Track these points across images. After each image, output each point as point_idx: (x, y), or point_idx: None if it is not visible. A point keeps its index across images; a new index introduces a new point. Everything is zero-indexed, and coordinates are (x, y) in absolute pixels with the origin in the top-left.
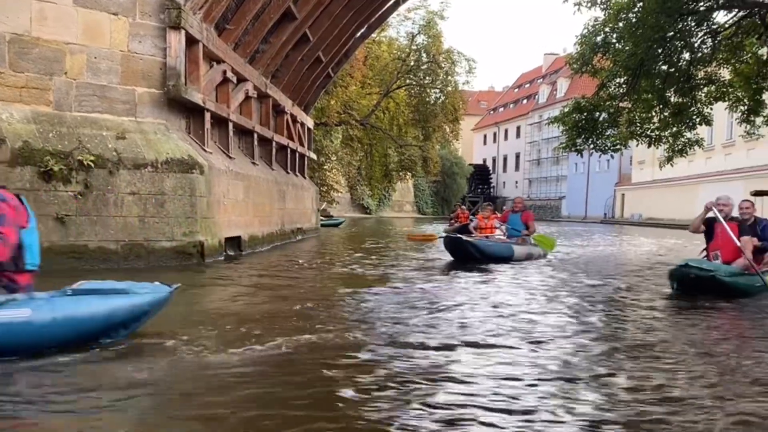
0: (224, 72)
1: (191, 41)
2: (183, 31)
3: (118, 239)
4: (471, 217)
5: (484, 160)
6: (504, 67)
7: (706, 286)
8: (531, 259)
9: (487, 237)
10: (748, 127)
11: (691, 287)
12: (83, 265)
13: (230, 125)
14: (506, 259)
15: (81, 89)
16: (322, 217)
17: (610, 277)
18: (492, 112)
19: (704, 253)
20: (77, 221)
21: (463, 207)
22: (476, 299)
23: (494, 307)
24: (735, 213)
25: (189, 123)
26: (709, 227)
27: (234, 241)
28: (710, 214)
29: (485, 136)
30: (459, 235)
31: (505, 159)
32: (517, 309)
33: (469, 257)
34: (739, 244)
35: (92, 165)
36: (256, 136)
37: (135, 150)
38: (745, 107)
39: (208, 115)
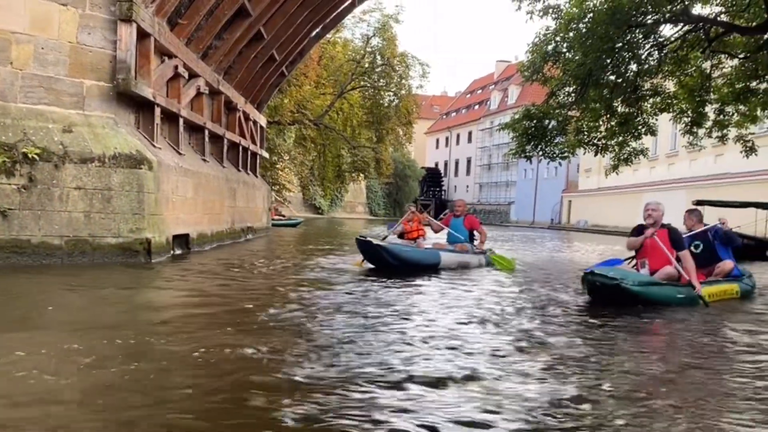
0: (176, 67)
1: (142, 35)
2: (134, 25)
3: (62, 234)
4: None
5: (437, 164)
6: (457, 72)
7: (615, 295)
8: (468, 268)
9: (414, 240)
10: (691, 138)
11: (600, 295)
12: (25, 260)
13: (181, 121)
14: (432, 266)
15: (27, 80)
16: (278, 217)
17: (538, 282)
18: (445, 116)
19: (633, 261)
20: (20, 215)
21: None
22: (381, 308)
23: (404, 317)
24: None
25: (138, 118)
26: (639, 233)
27: (182, 239)
28: (648, 222)
29: (438, 140)
30: (370, 239)
31: (456, 163)
32: (426, 317)
33: (383, 263)
34: (666, 251)
35: (37, 158)
36: (207, 132)
37: (82, 144)
38: (689, 119)
39: (158, 110)
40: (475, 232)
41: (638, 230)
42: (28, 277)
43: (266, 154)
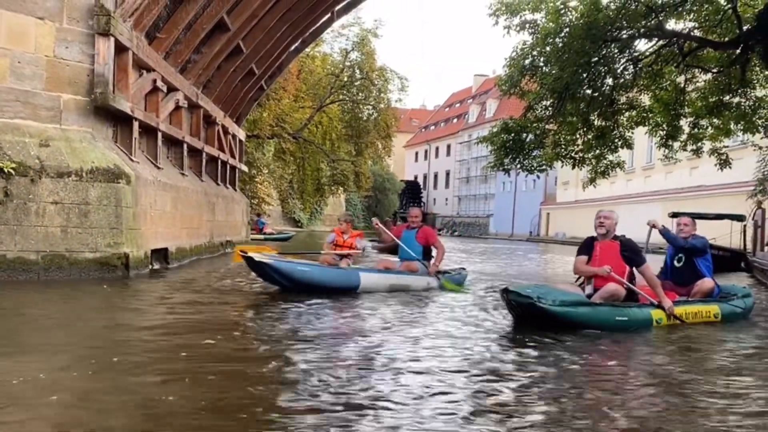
0: (154, 81)
1: (120, 49)
2: (112, 38)
3: (38, 249)
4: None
5: (416, 177)
6: (435, 86)
7: (534, 315)
8: (409, 291)
9: (343, 257)
10: (667, 151)
11: (520, 315)
12: (1, 275)
13: (159, 135)
14: (346, 289)
15: (3, 94)
16: (270, 232)
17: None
18: (423, 129)
19: (580, 278)
20: None
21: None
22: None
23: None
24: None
25: (116, 132)
26: (588, 247)
27: (161, 253)
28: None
29: (417, 153)
30: (252, 255)
31: (435, 176)
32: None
33: (275, 282)
34: (605, 270)
35: (13, 172)
36: (186, 146)
37: (59, 158)
38: (664, 132)
39: (136, 124)
40: (433, 248)
41: (587, 244)
42: (2, 293)
43: (245, 168)
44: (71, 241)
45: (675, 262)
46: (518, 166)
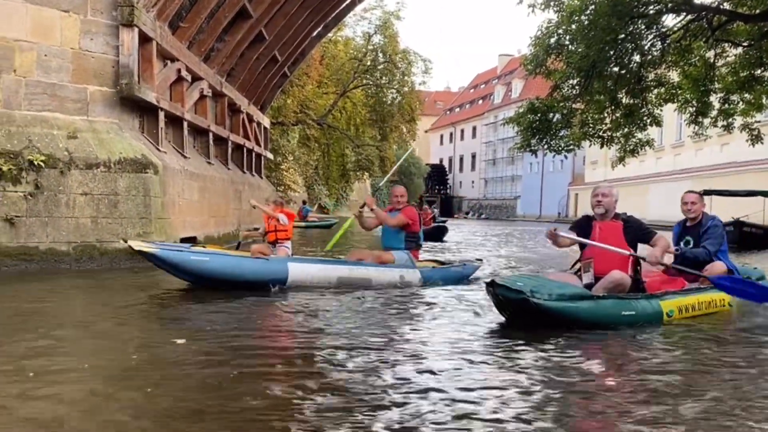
0: (178, 70)
1: (144, 39)
2: (136, 29)
3: (70, 240)
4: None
5: (441, 160)
6: (460, 67)
7: (525, 312)
8: (372, 286)
9: (273, 245)
10: (696, 128)
11: (511, 311)
12: (33, 267)
13: (185, 124)
14: (268, 283)
15: (31, 87)
16: (313, 219)
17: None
18: (448, 112)
19: (577, 264)
20: (27, 222)
21: (425, 207)
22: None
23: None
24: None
25: (142, 122)
26: (584, 228)
27: (189, 242)
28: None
29: (441, 136)
30: (131, 243)
31: (461, 159)
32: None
33: (180, 277)
34: (608, 249)
35: (43, 165)
36: (211, 135)
37: (87, 150)
38: (694, 109)
39: (162, 114)
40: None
41: (583, 224)
42: (37, 284)
43: (270, 155)
44: (101, 231)
45: (682, 245)
46: (545, 146)
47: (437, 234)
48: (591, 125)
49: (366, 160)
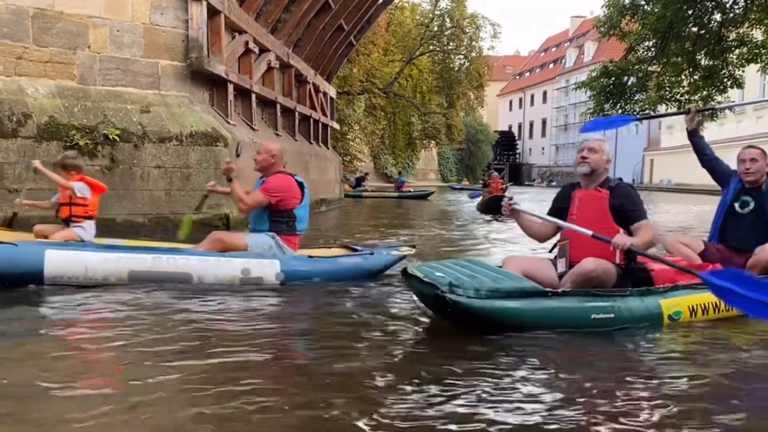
0: (246, 43)
1: (213, 12)
2: (204, 2)
3: (145, 212)
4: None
5: (510, 127)
6: (530, 31)
7: (450, 310)
8: (190, 284)
9: (68, 222)
10: None
11: (435, 308)
12: (112, 239)
13: (253, 96)
14: (14, 278)
15: (104, 63)
16: (408, 190)
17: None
18: (517, 77)
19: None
20: (104, 195)
21: (495, 174)
22: None
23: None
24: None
25: (212, 95)
26: (563, 199)
27: None
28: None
29: (510, 102)
30: None
31: (531, 125)
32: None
33: None
34: (574, 229)
35: (117, 139)
36: (278, 107)
37: (160, 123)
38: None
39: (231, 87)
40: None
41: (563, 195)
42: None
43: (337, 126)
44: (175, 203)
45: (738, 207)
46: (620, 111)
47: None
48: (668, 88)
49: (432, 129)
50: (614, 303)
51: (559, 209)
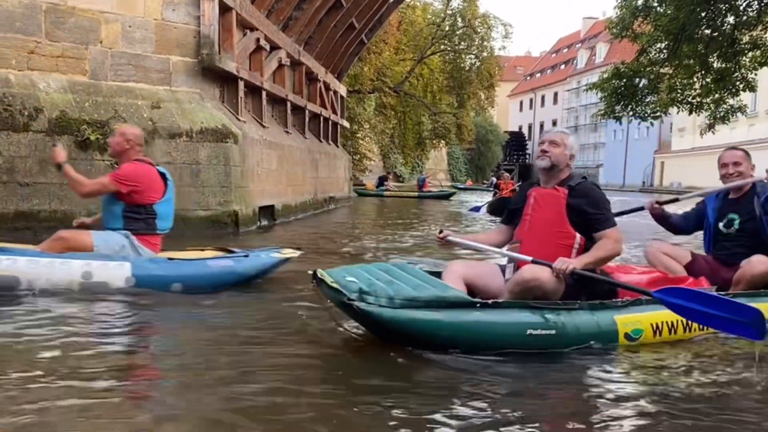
0: (257, 40)
1: (224, 9)
2: None
3: None
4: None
5: (520, 127)
6: (541, 31)
7: (359, 320)
8: (18, 290)
9: None
10: None
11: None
12: None
13: (263, 94)
14: None
15: (116, 58)
16: (432, 190)
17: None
18: (528, 77)
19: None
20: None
21: (506, 175)
22: None
23: None
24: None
25: (223, 92)
26: (521, 199)
27: (268, 211)
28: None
29: (521, 103)
30: None
31: (541, 126)
32: None
33: None
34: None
35: None
36: (289, 104)
37: (170, 119)
38: None
39: (241, 84)
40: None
41: (521, 195)
42: None
43: (347, 124)
44: (184, 200)
45: (722, 227)
46: (630, 113)
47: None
48: (679, 91)
49: (442, 128)
50: (556, 317)
51: (515, 211)
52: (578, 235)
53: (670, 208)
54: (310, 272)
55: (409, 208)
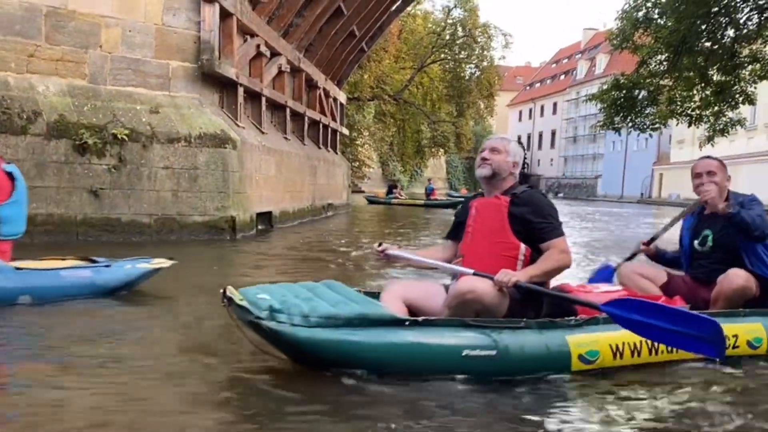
0: (258, 46)
1: (225, 15)
2: (217, 5)
3: (151, 213)
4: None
5: (519, 137)
6: (541, 42)
7: (270, 341)
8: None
9: None
10: None
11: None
12: (117, 238)
13: (263, 100)
14: None
15: (116, 63)
16: (440, 198)
17: None
18: (528, 87)
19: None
20: (111, 194)
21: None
22: None
23: None
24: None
25: (222, 97)
26: (464, 210)
27: (265, 216)
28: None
29: (521, 113)
30: None
31: (540, 136)
32: None
33: None
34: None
35: (126, 139)
36: (288, 111)
37: (169, 124)
38: None
39: (241, 90)
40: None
41: (464, 207)
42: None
43: (346, 131)
44: (181, 204)
45: (697, 246)
46: (630, 124)
47: None
48: (679, 103)
49: (441, 137)
50: (498, 336)
51: (458, 224)
52: (523, 246)
53: (663, 241)
54: (221, 291)
55: (411, 217)
